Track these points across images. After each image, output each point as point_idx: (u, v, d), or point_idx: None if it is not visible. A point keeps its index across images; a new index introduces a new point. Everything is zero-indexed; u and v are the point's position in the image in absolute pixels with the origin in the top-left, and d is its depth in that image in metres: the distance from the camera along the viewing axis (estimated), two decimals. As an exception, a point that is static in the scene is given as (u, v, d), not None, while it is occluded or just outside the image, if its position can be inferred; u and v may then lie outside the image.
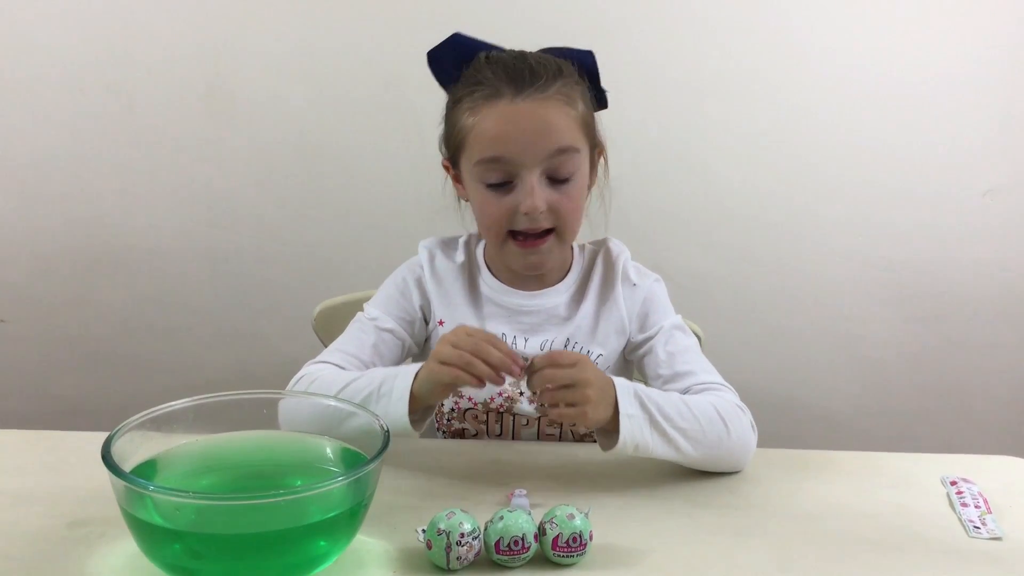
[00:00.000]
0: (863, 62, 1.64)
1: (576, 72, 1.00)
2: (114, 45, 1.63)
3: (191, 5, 1.62)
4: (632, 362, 1.10)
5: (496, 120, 0.95)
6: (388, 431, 0.75)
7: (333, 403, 0.83)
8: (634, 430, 0.88)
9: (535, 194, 0.95)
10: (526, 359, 0.88)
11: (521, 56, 0.99)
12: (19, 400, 1.82)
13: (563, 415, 0.87)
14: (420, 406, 0.91)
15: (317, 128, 1.67)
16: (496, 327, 1.06)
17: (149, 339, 1.79)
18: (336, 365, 1.01)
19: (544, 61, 0.98)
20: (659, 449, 0.90)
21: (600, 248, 1.12)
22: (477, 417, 1.07)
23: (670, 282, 1.13)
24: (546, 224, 0.98)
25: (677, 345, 1.05)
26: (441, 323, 1.08)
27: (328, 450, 0.82)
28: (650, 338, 1.06)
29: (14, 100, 1.66)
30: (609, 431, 0.90)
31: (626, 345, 1.09)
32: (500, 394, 1.05)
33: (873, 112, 1.66)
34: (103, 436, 0.71)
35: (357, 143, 1.67)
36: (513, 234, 1.00)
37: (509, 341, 1.05)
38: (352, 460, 0.79)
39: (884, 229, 1.72)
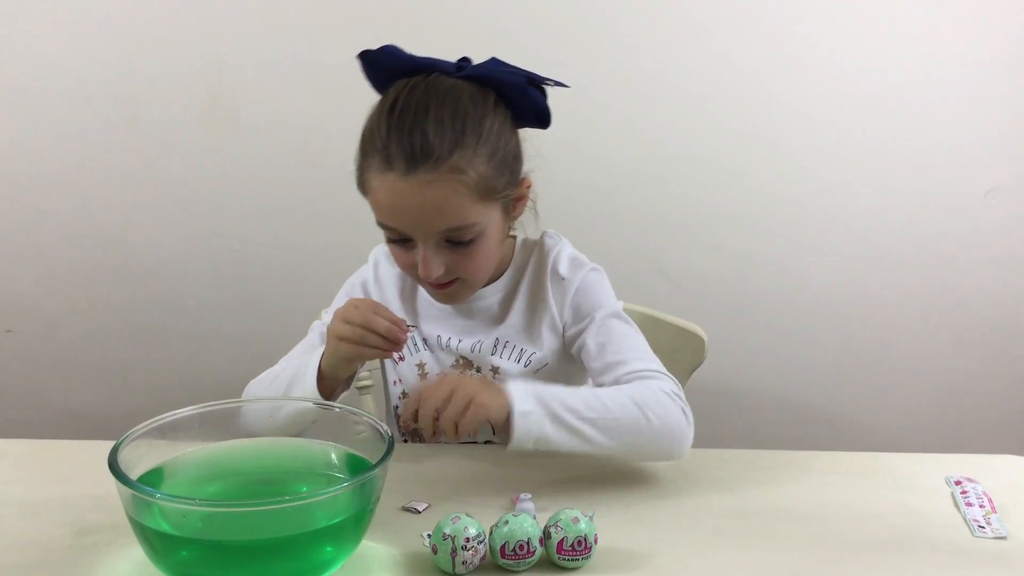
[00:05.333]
0: (864, 62, 1.64)
1: (490, 115, 0.94)
2: (118, 57, 1.64)
3: (194, 16, 1.62)
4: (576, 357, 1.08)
5: (386, 194, 0.92)
6: (392, 437, 0.75)
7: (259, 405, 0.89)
8: (530, 427, 0.88)
9: (429, 265, 0.94)
10: (411, 326, 0.96)
11: (421, 119, 0.90)
12: (25, 409, 1.83)
13: (466, 421, 0.86)
14: (332, 385, 0.98)
15: (320, 137, 1.68)
16: (432, 328, 1.10)
17: (155, 348, 1.80)
18: None
19: (443, 128, 0.90)
20: (564, 442, 0.89)
21: (536, 244, 1.11)
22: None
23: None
24: (447, 280, 0.98)
25: (609, 335, 1.03)
26: None
27: (333, 456, 0.82)
28: (582, 331, 1.05)
29: (19, 111, 1.67)
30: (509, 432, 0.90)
31: (564, 340, 1.08)
32: None
33: (874, 112, 1.66)
34: (109, 444, 0.71)
35: (359, 151, 1.68)
36: None
37: (444, 341, 1.08)
38: (357, 466, 0.79)
39: (885, 229, 1.72)
